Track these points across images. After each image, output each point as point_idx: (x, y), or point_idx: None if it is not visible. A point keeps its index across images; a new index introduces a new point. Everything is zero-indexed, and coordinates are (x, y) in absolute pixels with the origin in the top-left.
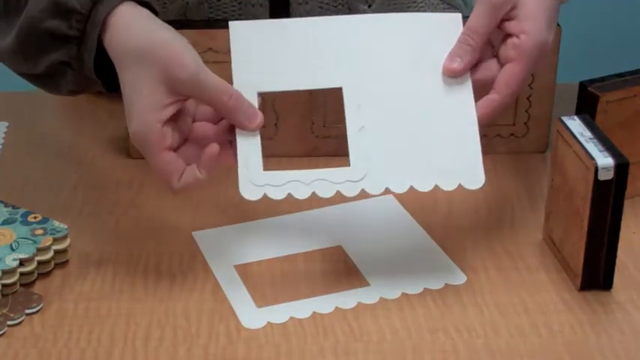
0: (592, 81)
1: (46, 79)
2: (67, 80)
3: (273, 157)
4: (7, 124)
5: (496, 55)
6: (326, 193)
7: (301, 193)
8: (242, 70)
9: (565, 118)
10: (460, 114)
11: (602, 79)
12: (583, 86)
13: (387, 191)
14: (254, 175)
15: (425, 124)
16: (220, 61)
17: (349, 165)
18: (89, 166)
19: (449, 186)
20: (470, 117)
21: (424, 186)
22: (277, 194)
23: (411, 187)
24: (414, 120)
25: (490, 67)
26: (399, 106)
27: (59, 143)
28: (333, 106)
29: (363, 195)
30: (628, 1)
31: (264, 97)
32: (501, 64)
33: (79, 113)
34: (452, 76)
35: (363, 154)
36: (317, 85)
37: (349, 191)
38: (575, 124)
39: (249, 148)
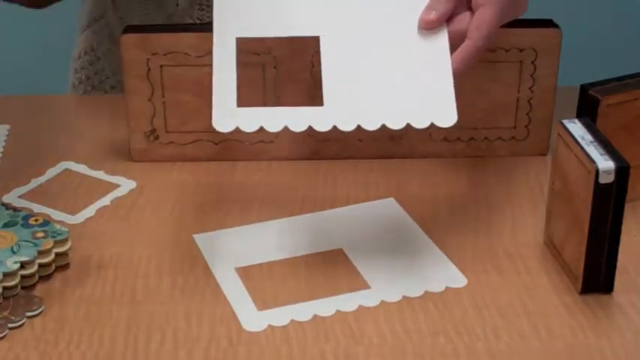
0: (593, 84)
1: None
2: None
3: (273, 160)
4: (8, 127)
5: (470, 8)
6: (298, 127)
7: (273, 126)
8: (222, 17)
9: (566, 122)
10: (434, 59)
11: (603, 82)
12: (584, 89)
13: (359, 129)
14: (227, 108)
15: (399, 68)
16: None
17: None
18: (90, 169)
19: (420, 124)
20: (444, 62)
21: (396, 123)
22: (249, 127)
23: (383, 125)
24: (389, 64)
25: (463, 19)
26: (374, 53)
27: (60, 146)
28: None
29: (364, 197)
30: (629, 5)
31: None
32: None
33: (80, 116)
34: (427, 27)
35: (337, 95)
36: (295, 33)
37: (321, 126)
38: (576, 128)
39: (224, 84)
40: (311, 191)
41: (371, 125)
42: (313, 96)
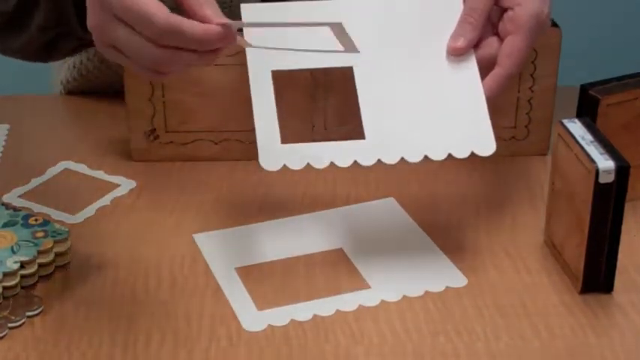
0: (593, 84)
1: (17, 19)
2: (39, 12)
3: None
4: (8, 126)
5: (496, 33)
6: (343, 162)
7: (319, 163)
8: (255, 51)
9: (566, 121)
10: (467, 87)
11: (603, 82)
12: (584, 89)
13: (402, 161)
14: (273, 146)
15: (435, 98)
16: (221, 63)
17: (364, 138)
18: (90, 168)
19: (461, 154)
20: (477, 90)
21: (438, 154)
22: (296, 164)
23: (426, 157)
24: (424, 95)
25: (491, 44)
26: (408, 82)
27: (60, 146)
28: (334, 109)
29: (364, 197)
30: (629, 5)
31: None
32: (502, 40)
33: (80, 116)
34: (456, 54)
35: (377, 127)
36: (329, 64)
37: (365, 160)
38: (576, 127)
39: (266, 121)
40: (311, 191)
41: (414, 158)
42: (313, 95)
